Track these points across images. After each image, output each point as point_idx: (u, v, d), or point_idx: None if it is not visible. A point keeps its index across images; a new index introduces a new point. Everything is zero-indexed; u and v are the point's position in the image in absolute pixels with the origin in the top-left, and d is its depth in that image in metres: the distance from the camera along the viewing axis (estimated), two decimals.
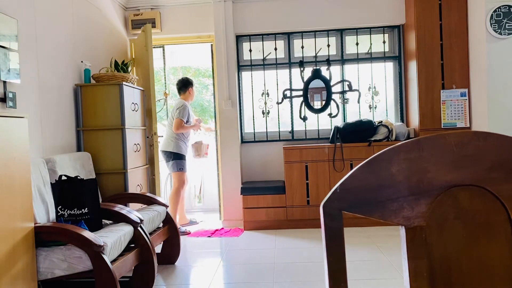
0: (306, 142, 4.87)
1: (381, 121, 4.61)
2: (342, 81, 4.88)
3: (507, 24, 3.91)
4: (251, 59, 4.98)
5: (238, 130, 4.81)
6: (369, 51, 4.91)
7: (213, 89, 5.05)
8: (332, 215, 0.72)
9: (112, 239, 2.49)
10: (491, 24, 3.93)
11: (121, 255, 2.64)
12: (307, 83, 4.80)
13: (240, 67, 4.98)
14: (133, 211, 2.99)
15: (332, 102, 4.81)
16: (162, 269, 3.39)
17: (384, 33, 4.90)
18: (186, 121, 4.55)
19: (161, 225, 3.48)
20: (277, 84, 4.98)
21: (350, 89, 4.82)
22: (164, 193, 5.28)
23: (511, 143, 0.73)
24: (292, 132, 4.98)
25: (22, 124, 2.26)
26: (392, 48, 4.92)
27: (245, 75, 5.02)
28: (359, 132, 4.52)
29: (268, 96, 5.00)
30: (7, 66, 2.69)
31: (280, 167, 4.79)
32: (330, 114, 4.85)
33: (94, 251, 2.31)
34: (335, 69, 4.92)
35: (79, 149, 3.61)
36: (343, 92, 4.86)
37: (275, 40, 4.95)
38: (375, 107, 4.91)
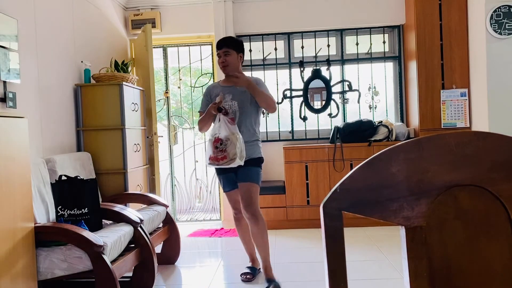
0: (306, 142, 4.86)
1: (381, 121, 4.61)
2: (342, 81, 4.88)
3: (507, 24, 3.91)
4: (251, 59, 4.98)
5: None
6: (369, 51, 4.91)
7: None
8: (332, 215, 0.72)
9: (112, 239, 2.49)
10: (491, 24, 3.93)
11: (121, 255, 2.64)
12: (307, 83, 4.81)
13: None
14: (133, 211, 2.99)
15: (332, 102, 4.81)
16: (162, 269, 3.39)
17: (384, 33, 4.90)
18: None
19: (161, 225, 3.48)
20: (277, 84, 4.97)
21: (350, 89, 4.83)
22: (164, 193, 5.28)
23: (511, 143, 0.73)
24: (292, 132, 4.98)
25: (22, 124, 2.26)
26: (392, 48, 4.92)
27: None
28: (359, 132, 4.52)
29: None
30: (7, 66, 2.69)
31: (280, 167, 4.78)
32: (330, 114, 4.85)
33: (94, 251, 2.31)
34: (335, 69, 4.92)
35: (79, 149, 3.61)
36: (343, 92, 4.86)
37: (275, 40, 4.95)
38: (375, 107, 4.91)
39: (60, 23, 3.48)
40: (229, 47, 2.98)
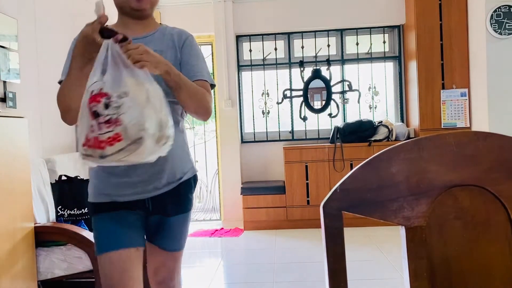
0: (306, 142, 4.86)
1: (381, 121, 4.61)
2: (342, 81, 4.88)
3: (507, 24, 3.91)
4: (251, 59, 4.98)
5: (238, 130, 4.81)
6: (369, 51, 4.91)
7: (213, 89, 5.05)
8: (332, 215, 0.72)
9: None
10: (491, 24, 3.93)
11: None
12: (307, 83, 4.81)
13: (240, 67, 4.98)
14: None
15: (332, 102, 4.81)
16: None
17: (384, 33, 4.90)
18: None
19: None
20: (277, 84, 4.98)
21: (350, 89, 4.83)
22: None
23: (511, 143, 0.73)
24: (292, 132, 4.98)
25: (22, 124, 2.26)
26: (392, 48, 4.92)
27: (245, 75, 5.02)
28: (359, 132, 4.52)
29: (268, 96, 5.00)
30: (7, 66, 2.69)
31: (280, 167, 4.78)
32: (330, 114, 4.85)
33: (94, 251, 2.31)
34: (335, 69, 4.92)
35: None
36: (343, 92, 4.86)
37: (275, 40, 4.95)
38: (375, 107, 4.91)
39: (60, 23, 3.48)
40: None
